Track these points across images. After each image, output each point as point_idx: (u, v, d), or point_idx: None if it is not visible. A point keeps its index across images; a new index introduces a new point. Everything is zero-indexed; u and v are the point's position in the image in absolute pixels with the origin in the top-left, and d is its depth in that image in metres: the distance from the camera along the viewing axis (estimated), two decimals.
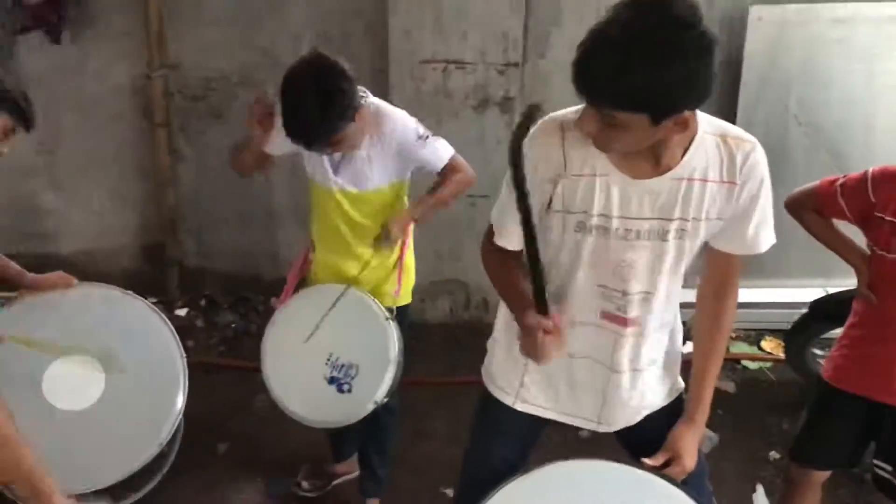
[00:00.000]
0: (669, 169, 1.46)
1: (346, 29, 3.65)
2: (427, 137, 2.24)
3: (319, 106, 1.98)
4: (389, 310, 2.32)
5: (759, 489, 2.52)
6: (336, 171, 2.25)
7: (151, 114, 3.76)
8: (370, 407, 2.21)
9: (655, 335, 1.67)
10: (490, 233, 1.67)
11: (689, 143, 1.45)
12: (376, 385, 2.22)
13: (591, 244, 1.54)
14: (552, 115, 1.51)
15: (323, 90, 1.98)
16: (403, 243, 2.41)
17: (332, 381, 2.24)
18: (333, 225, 2.32)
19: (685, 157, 1.46)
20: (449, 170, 2.30)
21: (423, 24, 3.42)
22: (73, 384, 2.11)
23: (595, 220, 1.51)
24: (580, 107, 1.41)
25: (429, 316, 3.85)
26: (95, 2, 3.66)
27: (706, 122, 1.49)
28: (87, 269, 4.11)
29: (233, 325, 3.87)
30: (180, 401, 2.20)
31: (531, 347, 1.49)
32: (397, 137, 2.20)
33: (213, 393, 2.44)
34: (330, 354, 2.25)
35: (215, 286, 4.02)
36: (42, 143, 3.94)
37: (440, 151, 2.28)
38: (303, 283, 2.48)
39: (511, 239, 1.60)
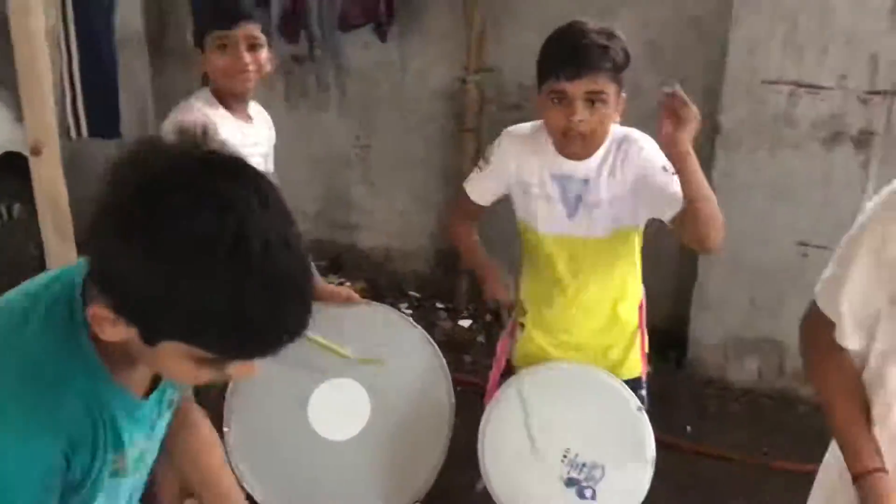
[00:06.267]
0: None
1: (678, 40, 3.26)
2: (674, 173, 1.70)
3: (603, 35, 1.70)
4: (636, 385, 1.93)
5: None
6: (573, 213, 1.86)
7: (462, 118, 3.69)
8: None
9: None
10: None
11: None
12: (630, 491, 1.82)
13: None
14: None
15: (604, 31, 1.72)
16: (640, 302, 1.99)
17: (570, 482, 1.85)
18: (550, 286, 1.94)
19: None
20: None
21: (773, 37, 2.93)
22: (338, 410, 2.02)
23: None
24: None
25: (732, 376, 3.35)
26: (421, 1, 3.66)
27: None
28: (382, 266, 4.21)
29: None
30: (442, 444, 2.03)
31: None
32: (639, 163, 1.77)
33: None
34: (567, 450, 1.86)
35: None
36: (359, 137, 4.06)
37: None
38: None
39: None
